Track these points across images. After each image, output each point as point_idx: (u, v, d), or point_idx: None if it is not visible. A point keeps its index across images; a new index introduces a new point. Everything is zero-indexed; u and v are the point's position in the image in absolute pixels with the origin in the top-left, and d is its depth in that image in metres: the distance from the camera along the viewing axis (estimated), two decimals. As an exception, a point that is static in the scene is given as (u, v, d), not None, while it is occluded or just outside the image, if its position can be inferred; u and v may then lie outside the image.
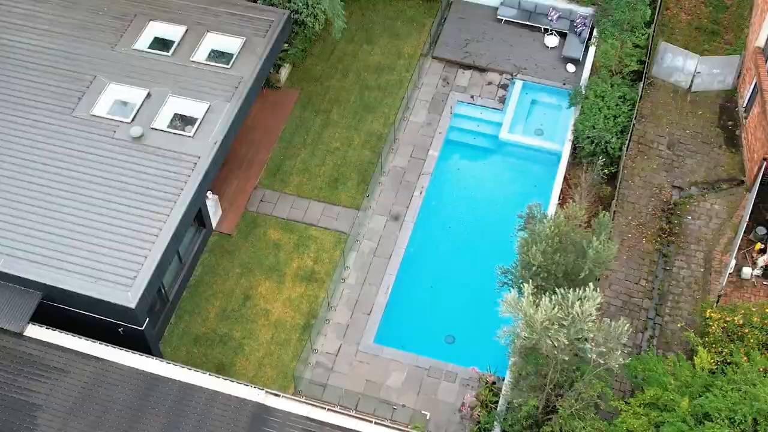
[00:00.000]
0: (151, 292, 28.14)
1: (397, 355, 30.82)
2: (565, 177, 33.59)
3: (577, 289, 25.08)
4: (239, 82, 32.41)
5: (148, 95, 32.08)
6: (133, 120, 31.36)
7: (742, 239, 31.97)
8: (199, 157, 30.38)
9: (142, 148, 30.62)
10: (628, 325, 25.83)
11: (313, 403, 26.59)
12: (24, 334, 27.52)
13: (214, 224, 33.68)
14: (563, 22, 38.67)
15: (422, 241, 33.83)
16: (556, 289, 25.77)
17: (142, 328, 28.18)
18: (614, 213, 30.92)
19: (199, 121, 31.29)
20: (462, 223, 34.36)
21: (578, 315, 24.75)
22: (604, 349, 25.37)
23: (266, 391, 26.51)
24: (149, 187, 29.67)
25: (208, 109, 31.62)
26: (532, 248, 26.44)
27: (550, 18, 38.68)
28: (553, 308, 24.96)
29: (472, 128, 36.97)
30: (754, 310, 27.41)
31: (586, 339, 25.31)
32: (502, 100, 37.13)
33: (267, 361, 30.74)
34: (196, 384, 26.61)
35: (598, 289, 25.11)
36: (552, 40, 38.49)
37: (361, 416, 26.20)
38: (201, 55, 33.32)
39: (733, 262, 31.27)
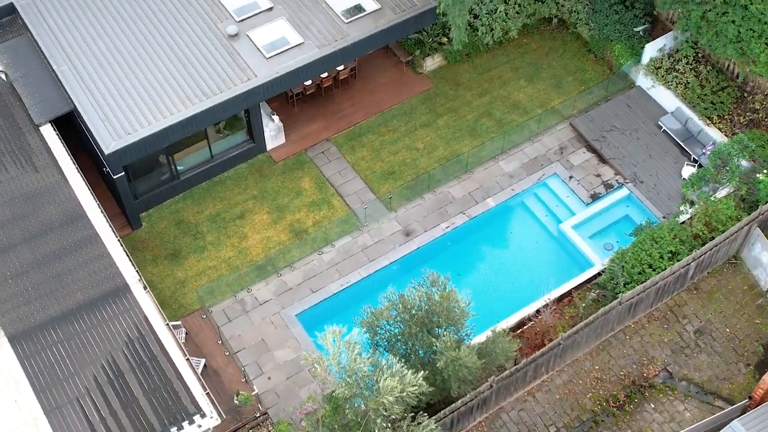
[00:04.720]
0: (137, 154, 31.05)
1: (303, 337, 31.21)
2: (569, 293, 31.09)
3: (405, 368, 24.16)
4: (340, 39, 33.59)
5: (270, 9, 34.46)
6: (240, 21, 34.01)
7: (678, 459, 27.84)
8: (255, 76, 32.39)
9: (224, 45, 33.26)
10: (437, 432, 24.50)
11: (164, 315, 28.22)
12: (40, 129, 31.96)
13: (269, 146, 35.74)
14: (714, 161, 34.69)
15: (413, 267, 33.23)
16: (390, 356, 24.96)
17: (115, 177, 31.40)
18: (562, 348, 28.19)
19: (282, 49, 33.14)
20: (466, 277, 33.20)
21: (382, 388, 23.89)
22: (395, 437, 24.33)
23: (140, 279, 28.61)
24: (202, 76, 32.30)
25: (298, 44, 33.31)
26: (389, 305, 25.56)
27: (703, 151, 34.81)
28: (362, 366, 24.26)
29: (550, 205, 34.96)
30: None
31: (387, 417, 24.30)
32: (594, 197, 34.55)
33: (209, 273, 32.69)
34: (101, 237, 29.32)
35: (421, 379, 23.95)
36: (689, 172, 34.73)
37: (184, 352, 27.27)
38: (336, 0, 34.85)
39: (644, 471, 27.45)
